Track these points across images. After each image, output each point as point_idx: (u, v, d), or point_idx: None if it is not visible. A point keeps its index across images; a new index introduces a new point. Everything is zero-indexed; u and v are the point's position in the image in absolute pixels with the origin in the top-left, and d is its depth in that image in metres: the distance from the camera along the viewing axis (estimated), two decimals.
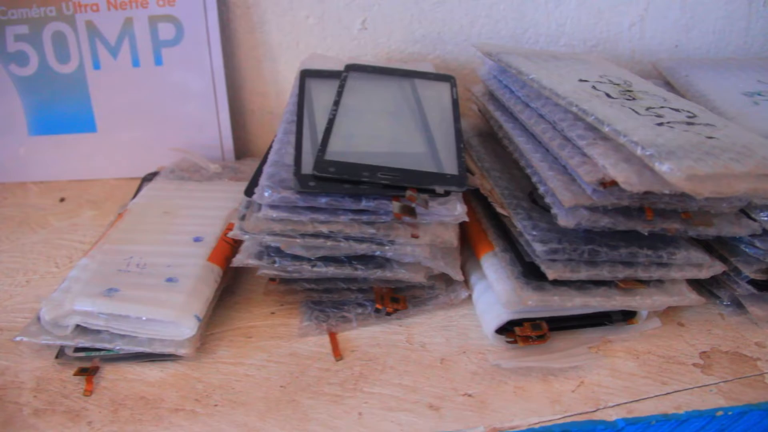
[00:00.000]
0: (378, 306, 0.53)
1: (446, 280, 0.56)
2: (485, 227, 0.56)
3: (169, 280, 0.52)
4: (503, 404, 0.47)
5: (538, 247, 0.48)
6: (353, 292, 0.55)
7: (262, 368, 0.50)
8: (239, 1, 0.67)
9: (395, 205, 0.47)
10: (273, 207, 0.49)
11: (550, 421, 0.46)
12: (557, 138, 0.50)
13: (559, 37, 0.72)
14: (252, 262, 0.52)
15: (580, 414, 0.47)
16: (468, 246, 0.58)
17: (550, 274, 0.48)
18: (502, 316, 0.51)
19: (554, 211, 0.48)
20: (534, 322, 0.51)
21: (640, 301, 0.50)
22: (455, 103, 0.59)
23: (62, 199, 0.70)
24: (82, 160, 0.70)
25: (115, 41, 0.67)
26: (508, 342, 0.51)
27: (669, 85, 0.67)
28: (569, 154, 0.48)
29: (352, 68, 0.62)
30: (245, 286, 0.60)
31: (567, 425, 0.46)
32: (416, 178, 0.49)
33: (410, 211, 0.47)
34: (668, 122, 0.50)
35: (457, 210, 0.49)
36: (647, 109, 0.52)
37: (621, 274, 0.50)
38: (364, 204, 0.48)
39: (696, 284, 0.57)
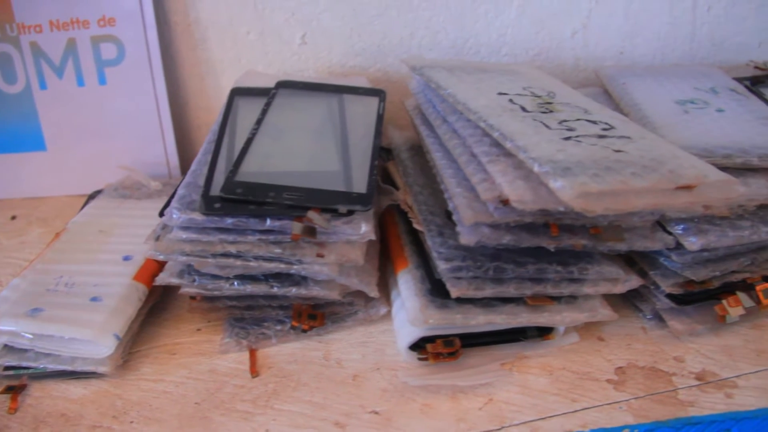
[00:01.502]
0: (294, 323, 0.53)
1: (366, 296, 0.56)
2: (404, 243, 0.56)
3: (94, 299, 0.53)
4: (408, 422, 0.47)
5: (442, 265, 0.48)
6: (274, 309, 0.55)
7: (181, 385, 0.51)
8: (180, 19, 0.68)
9: (295, 226, 0.47)
10: (183, 228, 0.50)
11: None
12: (465, 154, 0.50)
13: (500, 47, 0.71)
14: (174, 280, 0.53)
15: None
16: (391, 262, 0.58)
17: (453, 292, 0.48)
18: (414, 333, 0.51)
19: (458, 228, 0.48)
20: (447, 339, 0.51)
21: (549, 318, 0.50)
22: (380, 118, 0.59)
23: (13, 217, 0.72)
24: (33, 179, 0.72)
25: (60, 61, 0.68)
26: (420, 359, 0.51)
27: (607, 94, 0.66)
28: (473, 170, 0.48)
29: (282, 85, 0.62)
30: (176, 303, 0.60)
31: None
32: (320, 198, 0.49)
33: (310, 232, 0.47)
34: (578, 136, 0.49)
35: (362, 229, 0.49)
36: (561, 122, 0.52)
37: (529, 290, 0.49)
38: (269, 224, 0.49)
39: (621, 297, 0.57)
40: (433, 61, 0.61)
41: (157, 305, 0.59)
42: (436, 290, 0.49)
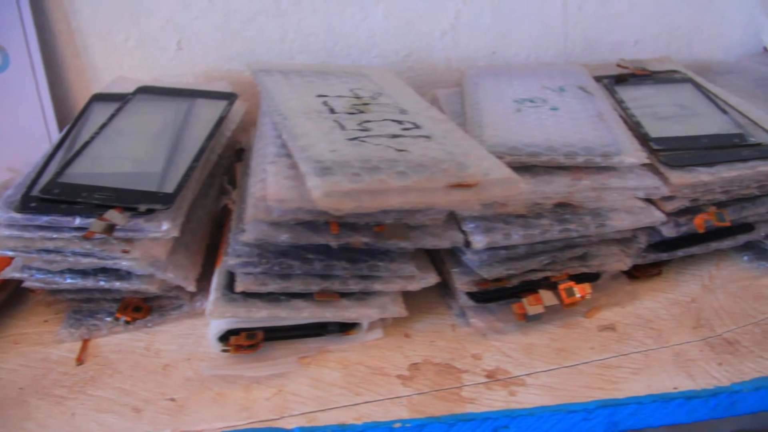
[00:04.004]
0: (117, 315, 0.56)
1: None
2: (226, 240, 0.58)
3: None
4: (198, 409, 0.49)
5: (230, 260, 0.50)
6: (108, 302, 0.58)
7: (13, 372, 0.54)
8: (63, 27, 0.71)
9: (94, 224, 0.50)
10: (6, 226, 0.53)
11: (232, 426, 0.48)
12: (260, 155, 0.52)
13: (370, 48, 0.73)
14: (16, 274, 0.57)
15: (264, 421, 0.48)
16: None
17: (237, 287, 0.50)
18: (220, 326, 0.53)
19: (244, 226, 0.50)
20: (251, 332, 0.53)
21: (335, 314, 0.51)
22: (219, 120, 0.61)
23: None
24: None
25: None
26: (223, 351, 0.53)
27: (460, 94, 0.66)
28: (259, 171, 0.50)
29: (141, 90, 0.65)
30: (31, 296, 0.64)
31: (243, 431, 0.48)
32: (126, 198, 0.52)
33: (108, 229, 0.50)
34: (368, 136, 0.51)
35: (163, 227, 0.52)
36: (361, 123, 0.53)
37: (317, 286, 0.51)
38: (78, 222, 0.52)
39: (439, 294, 0.57)
40: (277, 64, 0.63)
41: (14, 297, 0.62)
42: (232, 285, 0.51)
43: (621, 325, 0.55)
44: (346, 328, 0.54)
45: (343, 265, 0.51)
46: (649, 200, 0.55)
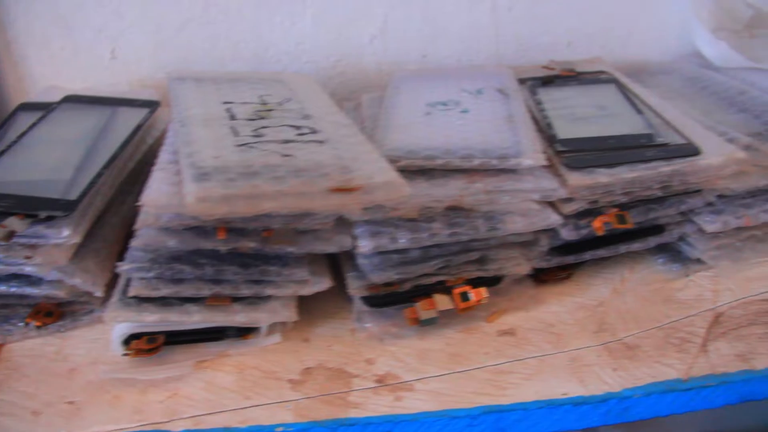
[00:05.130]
0: (27, 320, 0.58)
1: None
2: None
3: None
4: (94, 412, 0.51)
5: (123, 266, 0.51)
6: (23, 307, 0.60)
7: None
8: None
9: None
10: None
11: (122, 428, 0.49)
12: (156, 163, 0.53)
13: (300, 55, 0.74)
14: None
15: (153, 424, 0.49)
16: None
17: (129, 291, 0.51)
18: (122, 330, 0.54)
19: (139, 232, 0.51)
20: (152, 336, 0.54)
21: (225, 318, 0.52)
22: (137, 129, 0.63)
23: None
24: None
25: None
26: (124, 354, 0.54)
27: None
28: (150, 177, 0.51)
29: (68, 99, 0.67)
30: None
31: None
32: (28, 205, 0.54)
33: (8, 236, 0.52)
34: (259, 142, 0.52)
35: (63, 233, 0.53)
36: (257, 129, 0.55)
37: (208, 291, 0.52)
38: None
39: (346, 298, 0.58)
40: (196, 72, 0.65)
41: None
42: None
43: (521, 330, 0.55)
44: (244, 332, 0.55)
45: (235, 270, 0.52)
46: (549, 203, 0.55)
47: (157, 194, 0.47)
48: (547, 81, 0.68)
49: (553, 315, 0.56)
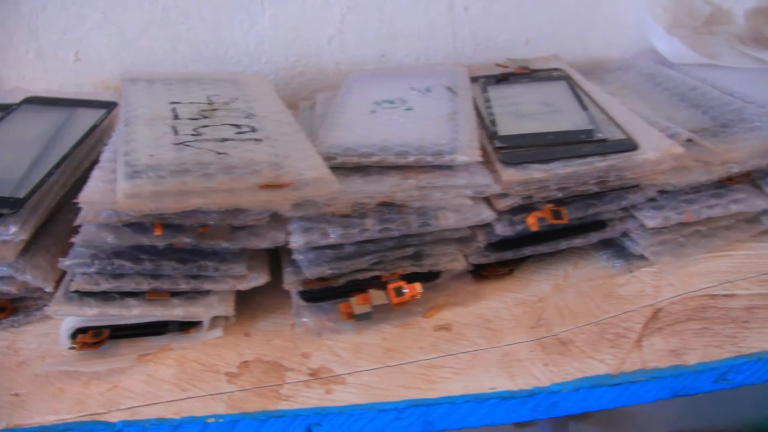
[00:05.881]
0: None
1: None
2: None
3: None
4: (37, 403, 0.53)
5: (66, 261, 0.53)
6: None
7: None
8: None
9: None
10: None
11: (63, 419, 0.51)
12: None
13: (260, 55, 0.76)
14: None
15: (92, 414, 0.51)
16: None
17: (71, 286, 0.53)
18: (69, 324, 0.56)
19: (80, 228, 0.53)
20: (97, 330, 0.56)
21: (164, 312, 0.54)
22: (92, 129, 0.65)
23: None
24: None
25: None
26: (70, 348, 0.56)
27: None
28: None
29: (26, 101, 0.70)
30: None
31: (72, 424, 0.51)
32: None
33: None
34: (195, 141, 0.54)
35: (10, 230, 0.55)
36: (197, 128, 0.57)
37: (148, 285, 0.54)
38: None
39: (287, 293, 0.59)
40: (150, 73, 0.68)
41: None
42: None
43: (457, 325, 0.56)
44: (186, 326, 0.56)
45: (173, 265, 0.54)
46: (485, 199, 0.56)
47: (93, 191, 0.50)
48: (502, 79, 0.69)
49: (491, 310, 0.57)
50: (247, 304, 0.59)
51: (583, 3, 0.78)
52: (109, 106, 0.69)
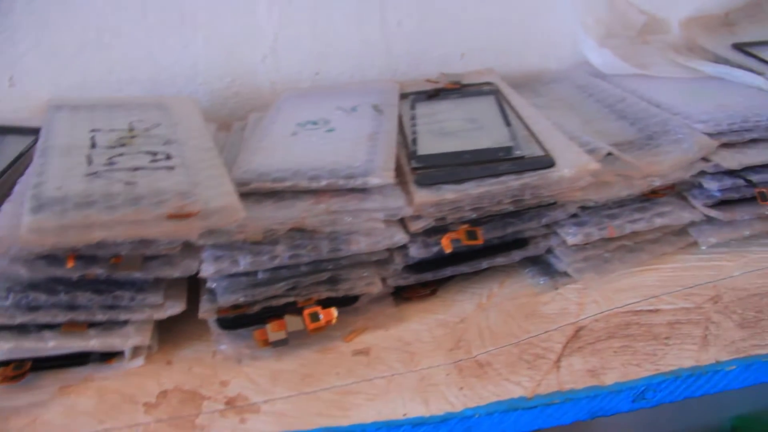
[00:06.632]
0: None
1: None
2: None
3: None
4: None
5: None
6: None
7: None
8: None
9: None
10: None
11: None
12: None
13: (194, 76, 0.76)
14: None
15: None
16: None
17: None
18: None
19: None
20: (18, 363, 0.56)
21: (80, 344, 0.54)
22: (18, 157, 0.66)
23: None
24: None
25: None
26: None
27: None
28: None
29: None
30: None
31: None
32: None
33: None
34: (107, 171, 0.55)
35: None
36: (113, 156, 0.57)
37: (64, 317, 0.54)
38: None
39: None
40: (76, 99, 0.68)
41: None
42: None
43: (377, 349, 0.56)
44: (108, 356, 0.57)
45: (89, 296, 0.54)
46: (401, 220, 0.56)
47: (1, 226, 0.50)
48: (433, 94, 0.70)
49: (411, 333, 0.57)
50: (172, 331, 0.59)
51: (518, 15, 0.78)
52: (36, 132, 0.70)
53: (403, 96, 0.70)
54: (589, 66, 0.75)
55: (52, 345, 0.55)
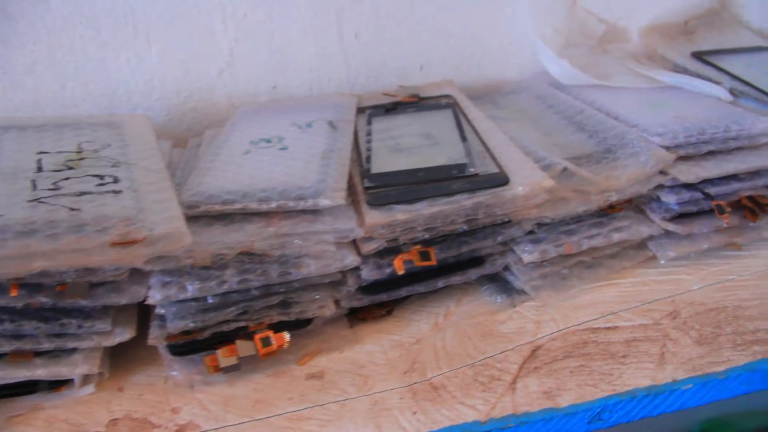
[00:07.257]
0: None
1: None
2: None
3: None
4: None
5: None
6: None
7: None
8: None
9: None
10: None
11: None
12: None
13: (150, 92, 0.75)
14: None
15: None
16: None
17: None
18: None
19: None
20: None
21: (27, 373, 0.54)
22: None
23: None
24: None
25: None
26: None
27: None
28: None
29: None
30: None
31: None
32: None
33: None
34: (52, 196, 0.54)
35: None
36: (58, 181, 0.57)
37: (9, 347, 0.53)
38: None
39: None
40: (23, 120, 0.67)
41: None
42: None
43: (330, 373, 0.55)
44: (56, 384, 0.56)
45: (35, 324, 0.53)
46: (353, 242, 0.55)
47: None
48: (391, 108, 0.69)
49: (366, 355, 0.57)
50: (124, 356, 0.59)
51: (477, 26, 0.78)
52: None
53: (361, 110, 0.70)
54: (548, 76, 0.74)
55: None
